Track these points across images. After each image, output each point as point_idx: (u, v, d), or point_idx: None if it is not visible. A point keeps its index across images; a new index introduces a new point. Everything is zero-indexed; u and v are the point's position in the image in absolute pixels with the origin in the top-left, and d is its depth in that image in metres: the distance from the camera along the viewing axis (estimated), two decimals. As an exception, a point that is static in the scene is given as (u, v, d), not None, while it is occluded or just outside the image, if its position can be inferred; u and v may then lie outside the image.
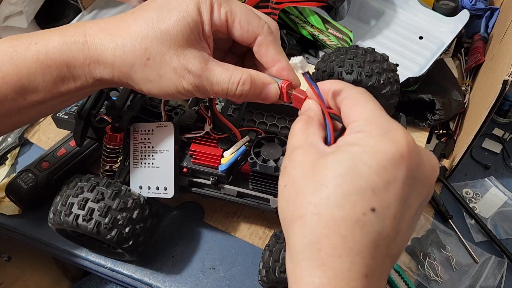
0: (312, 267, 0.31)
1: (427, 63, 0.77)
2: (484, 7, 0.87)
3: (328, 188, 0.31)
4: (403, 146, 0.31)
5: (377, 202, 0.30)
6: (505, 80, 0.58)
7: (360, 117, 0.34)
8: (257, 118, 0.65)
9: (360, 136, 0.33)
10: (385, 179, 0.31)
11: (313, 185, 0.32)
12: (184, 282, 0.64)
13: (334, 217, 0.30)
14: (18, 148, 0.79)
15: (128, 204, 0.56)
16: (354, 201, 0.30)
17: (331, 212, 0.30)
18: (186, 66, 0.44)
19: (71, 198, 0.55)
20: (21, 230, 0.70)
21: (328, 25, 0.80)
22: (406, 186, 0.31)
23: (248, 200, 0.61)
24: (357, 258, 0.30)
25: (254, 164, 0.54)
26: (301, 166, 0.34)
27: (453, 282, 0.64)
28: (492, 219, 0.70)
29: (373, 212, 0.30)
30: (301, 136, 0.36)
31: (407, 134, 0.32)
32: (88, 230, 0.54)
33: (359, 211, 0.30)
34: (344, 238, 0.30)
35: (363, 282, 0.30)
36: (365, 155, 0.31)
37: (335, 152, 0.33)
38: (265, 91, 0.46)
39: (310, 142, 0.35)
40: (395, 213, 0.31)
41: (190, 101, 0.64)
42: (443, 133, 0.78)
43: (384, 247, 0.31)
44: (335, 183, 0.31)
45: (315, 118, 0.38)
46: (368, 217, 0.30)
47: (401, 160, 0.31)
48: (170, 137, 0.58)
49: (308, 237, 0.31)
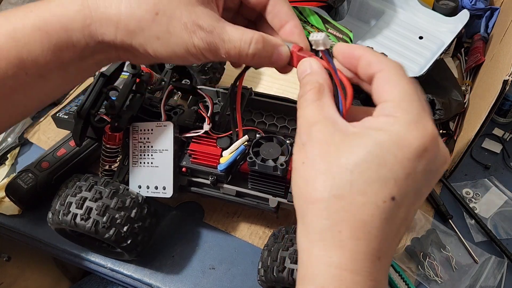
0: (331, 247, 0.31)
1: (427, 63, 0.77)
2: (484, 7, 0.87)
3: (353, 174, 0.31)
4: (428, 139, 0.31)
5: (397, 191, 0.31)
6: (505, 80, 0.58)
7: (392, 97, 0.33)
8: (256, 118, 0.65)
9: (389, 121, 0.32)
10: (407, 170, 0.31)
11: (336, 167, 0.32)
12: (184, 282, 0.64)
13: (356, 202, 0.31)
14: (18, 148, 0.79)
15: (126, 203, 0.56)
16: (377, 188, 0.31)
17: (353, 197, 0.31)
18: (197, 22, 0.41)
19: (69, 197, 0.55)
20: (21, 230, 0.70)
21: (328, 25, 0.80)
22: (423, 177, 0.32)
23: (247, 199, 0.61)
24: (373, 241, 0.31)
25: (253, 163, 0.54)
26: (320, 145, 0.33)
27: (453, 282, 0.64)
28: (492, 219, 0.70)
29: (393, 201, 0.31)
30: (315, 108, 0.35)
31: (433, 126, 0.32)
32: (86, 229, 0.54)
33: (380, 198, 0.31)
34: (363, 222, 0.31)
35: (376, 263, 0.31)
36: (391, 143, 0.31)
37: (360, 135, 0.32)
38: (277, 53, 0.44)
39: (327, 117, 0.34)
40: (409, 202, 0.32)
41: (189, 100, 0.64)
42: (443, 133, 0.78)
43: (395, 232, 0.32)
44: (360, 169, 0.31)
45: (325, 85, 0.36)
46: (387, 205, 0.31)
47: (424, 153, 0.31)
48: (169, 137, 0.58)
49: (329, 219, 0.32)
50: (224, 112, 0.63)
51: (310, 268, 0.33)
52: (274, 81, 0.83)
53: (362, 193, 0.31)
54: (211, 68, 0.71)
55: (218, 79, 0.77)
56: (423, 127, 0.31)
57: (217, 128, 0.61)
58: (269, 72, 0.82)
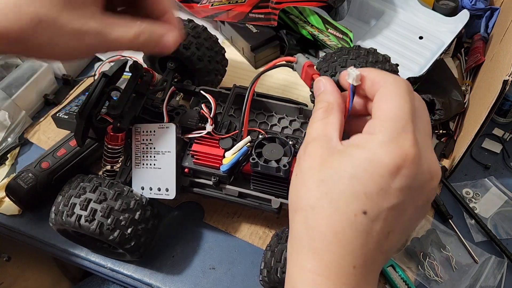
0: (307, 254, 0.34)
1: (427, 63, 0.78)
2: (484, 7, 0.87)
3: (328, 187, 0.33)
4: (402, 158, 0.32)
5: (369, 206, 0.32)
6: (505, 80, 0.58)
7: (379, 115, 0.34)
8: (258, 119, 0.65)
9: (367, 138, 0.34)
10: (378, 185, 0.32)
11: (316, 180, 0.34)
12: (184, 282, 0.64)
13: (329, 214, 0.33)
14: (18, 148, 0.78)
15: (130, 205, 0.56)
16: (348, 201, 0.32)
17: (326, 209, 0.33)
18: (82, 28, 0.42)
19: (73, 198, 0.55)
20: (21, 230, 0.69)
21: (328, 25, 0.80)
22: (400, 193, 0.33)
23: (250, 200, 0.61)
24: (345, 251, 0.33)
25: (256, 164, 0.54)
26: (310, 159, 0.35)
27: (453, 282, 0.64)
28: (492, 219, 0.71)
29: (364, 215, 0.32)
30: (319, 126, 0.37)
31: (412, 145, 0.33)
32: (90, 231, 0.54)
33: (351, 212, 0.32)
34: (335, 233, 0.33)
35: (349, 271, 0.33)
36: (364, 160, 0.33)
37: (342, 151, 0.34)
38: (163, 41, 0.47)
39: (326, 134, 0.36)
40: (386, 216, 0.33)
41: (192, 101, 0.64)
42: (443, 133, 0.78)
43: (374, 244, 0.33)
44: (333, 182, 0.33)
45: (335, 105, 0.38)
46: (359, 218, 0.32)
47: (398, 170, 0.32)
48: (171, 139, 0.58)
49: (306, 228, 0.34)
50: (226, 113, 0.63)
51: (290, 271, 0.36)
52: (275, 81, 0.83)
53: (335, 206, 0.33)
54: (213, 70, 0.71)
55: (220, 80, 0.77)
56: (398, 146, 0.32)
57: (219, 129, 0.61)
58: (270, 73, 0.82)
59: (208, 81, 0.71)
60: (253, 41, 0.83)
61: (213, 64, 0.71)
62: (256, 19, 0.83)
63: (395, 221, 0.33)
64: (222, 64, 0.74)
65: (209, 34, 0.71)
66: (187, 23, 0.70)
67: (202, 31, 0.70)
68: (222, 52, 0.74)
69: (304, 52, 0.86)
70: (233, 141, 0.58)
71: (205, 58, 0.69)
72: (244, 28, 0.84)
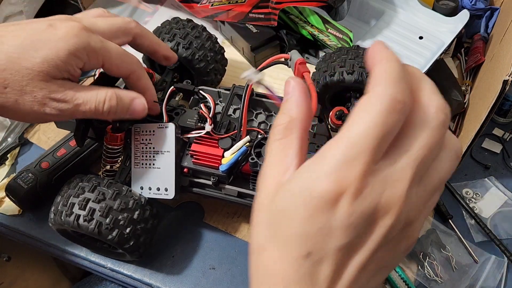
0: None
1: (427, 63, 0.77)
2: (484, 7, 0.87)
3: (273, 229, 0.30)
4: (341, 186, 0.27)
5: (310, 247, 0.28)
6: (505, 80, 0.58)
7: (340, 133, 0.29)
8: (257, 119, 0.65)
9: (310, 165, 0.29)
10: (317, 222, 0.28)
11: (265, 220, 0.31)
12: (184, 282, 0.64)
13: (276, 259, 0.30)
14: (18, 148, 0.78)
15: (129, 205, 0.56)
16: (292, 245, 0.29)
17: (274, 252, 0.30)
18: (49, 95, 0.46)
19: (72, 198, 0.55)
20: (21, 230, 0.70)
21: (328, 25, 0.80)
22: (347, 230, 0.28)
23: (249, 200, 0.60)
24: None
25: (255, 164, 0.54)
26: (262, 194, 0.32)
27: (453, 282, 0.64)
28: (492, 219, 0.70)
29: (307, 258, 0.29)
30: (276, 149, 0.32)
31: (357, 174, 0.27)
32: (89, 231, 0.54)
33: (294, 255, 0.29)
34: (281, 277, 0.29)
35: None
36: (302, 193, 0.28)
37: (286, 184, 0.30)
38: (133, 106, 0.51)
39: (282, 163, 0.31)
40: (335, 258, 0.29)
41: (191, 101, 0.64)
42: (443, 133, 0.78)
43: (326, 283, 0.29)
44: (279, 224, 0.30)
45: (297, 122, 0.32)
46: (300, 261, 0.29)
47: (334, 202, 0.27)
48: (171, 139, 0.58)
49: (253, 268, 0.32)
50: (225, 113, 0.63)
51: None
52: (274, 81, 0.83)
53: (281, 249, 0.29)
54: (212, 70, 0.71)
55: (220, 80, 0.77)
56: (340, 173, 0.27)
57: (219, 128, 0.61)
58: (269, 73, 0.82)
59: (207, 81, 0.71)
60: (253, 41, 0.83)
61: (213, 64, 0.71)
62: (256, 19, 0.83)
63: (350, 257, 0.29)
64: (222, 64, 0.74)
65: (208, 34, 0.72)
66: (187, 23, 0.70)
67: (201, 31, 0.71)
68: (221, 51, 0.74)
69: (304, 52, 0.86)
70: (232, 141, 0.58)
71: (205, 58, 0.69)
72: (244, 28, 0.84)
